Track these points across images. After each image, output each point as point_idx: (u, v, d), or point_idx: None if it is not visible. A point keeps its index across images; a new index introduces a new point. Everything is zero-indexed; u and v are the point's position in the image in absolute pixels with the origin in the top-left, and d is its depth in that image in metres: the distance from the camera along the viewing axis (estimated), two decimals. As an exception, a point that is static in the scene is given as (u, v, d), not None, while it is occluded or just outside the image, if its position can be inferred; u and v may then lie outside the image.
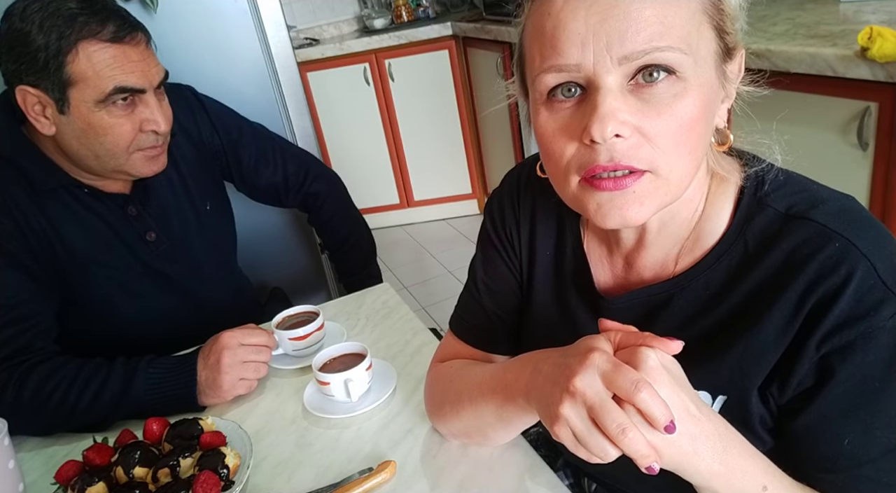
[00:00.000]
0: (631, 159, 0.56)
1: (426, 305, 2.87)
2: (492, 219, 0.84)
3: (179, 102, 1.28)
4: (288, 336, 1.10)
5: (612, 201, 0.58)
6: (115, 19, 1.01)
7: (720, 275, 0.64)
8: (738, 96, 0.64)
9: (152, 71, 1.06)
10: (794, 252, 0.60)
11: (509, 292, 0.83)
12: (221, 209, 1.36)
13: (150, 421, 0.92)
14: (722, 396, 0.65)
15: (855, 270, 0.56)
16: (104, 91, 1.01)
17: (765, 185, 0.64)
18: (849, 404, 0.59)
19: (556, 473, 0.81)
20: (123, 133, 1.05)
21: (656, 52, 0.54)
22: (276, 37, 1.61)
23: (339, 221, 1.52)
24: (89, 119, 1.03)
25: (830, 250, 0.58)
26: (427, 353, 1.09)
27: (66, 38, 0.98)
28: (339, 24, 3.71)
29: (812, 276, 0.58)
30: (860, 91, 1.40)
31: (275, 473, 0.89)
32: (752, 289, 0.62)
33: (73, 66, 0.99)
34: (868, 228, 0.59)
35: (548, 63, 0.57)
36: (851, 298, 0.56)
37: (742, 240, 0.64)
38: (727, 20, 0.59)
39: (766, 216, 0.63)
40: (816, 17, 1.75)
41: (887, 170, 1.40)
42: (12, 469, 0.84)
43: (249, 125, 1.41)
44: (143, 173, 1.12)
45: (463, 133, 3.45)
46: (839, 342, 0.57)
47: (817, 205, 0.61)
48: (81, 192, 1.13)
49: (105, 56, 1.00)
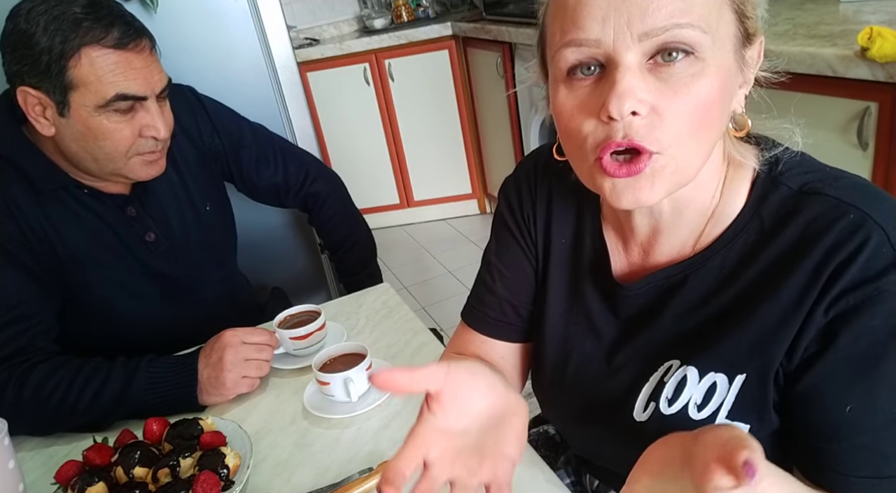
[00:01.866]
0: (643, 139, 0.56)
1: (426, 305, 2.87)
2: (508, 203, 0.83)
3: (180, 103, 1.28)
4: (289, 335, 1.10)
5: (626, 182, 0.59)
6: (119, 25, 1.01)
7: (736, 253, 0.65)
8: (756, 82, 0.64)
9: (155, 78, 1.06)
10: (810, 225, 0.60)
11: (523, 279, 0.83)
12: (221, 210, 1.36)
13: (150, 421, 0.92)
14: (741, 375, 0.65)
15: (869, 238, 0.57)
16: (105, 97, 1.01)
17: (779, 164, 0.65)
18: (852, 370, 0.59)
19: (557, 472, 0.81)
20: (122, 138, 1.05)
21: (676, 30, 0.54)
22: (276, 37, 1.61)
23: (340, 221, 1.52)
24: (88, 123, 1.02)
25: (845, 222, 0.58)
26: (427, 353, 1.09)
27: (70, 43, 0.98)
28: (339, 24, 3.71)
29: (828, 246, 0.58)
30: (860, 91, 1.40)
31: (275, 473, 0.89)
32: (768, 265, 0.62)
33: (76, 71, 0.99)
34: (882, 200, 0.60)
35: (568, 37, 0.57)
36: (862, 263, 0.57)
37: (758, 218, 0.64)
38: (748, 4, 0.59)
39: (780, 194, 0.63)
40: (816, 17, 1.75)
41: (887, 170, 1.40)
42: (12, 469, 0.84)
43: (250, 125, 1.41)
44: (141, 177, 1.12)
45: (463, 133, 3.45)
46: (845, 306, 0.57)
47: (831, 182, 0.62)
48: (81, 192, 1.13)
49: (108, 62, 1.00)
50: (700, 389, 0.67)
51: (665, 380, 0.69)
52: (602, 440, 0.78)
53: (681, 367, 0.68)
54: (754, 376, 0.64)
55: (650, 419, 0.70)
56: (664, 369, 0.69)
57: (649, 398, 0.70)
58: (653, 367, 0.70)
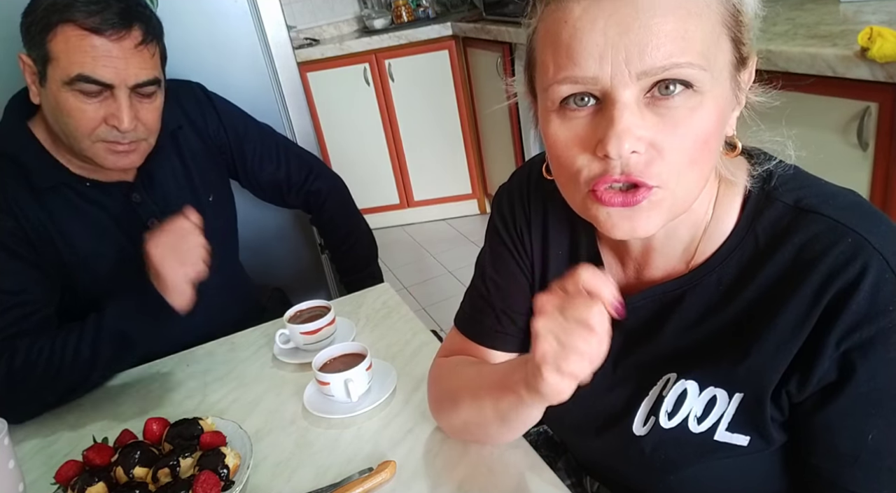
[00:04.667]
0: (642, 174, 0.55)
1: (426, 305, 2.87)
2: (502, 217, 0.83)
3: (189, 97, 1.31)
4: (300, 330, 1.11)
5: (622, 213, 0.58)
6: (110, 11, 1.02)
7: (732, 270, 0.65)
8: (747, 104, 0.63)
9: (131, 70, 1.05)
10: (806, 247, 0.60)
11: (518, 292, 0.82)
12: (223, 203, 1.38)
13: (150, 421, 0.92)
14: (739, 393, 0.65)
15: (869, 265, 0.57)
16: (69, 74, 1.02)
17: (773, 179, 0.64)
18: (872, 402, 0.59)
19: (557, 473, 0.81)
20: (85, 119, 1.05)
21: (675, 69, 0.53)
22: (276, 37, 1.61)
23: (341, 221, 1.52)
24: (57, 96, 1.05)
25: (843, 246, 0.58)
26: (427, 353, 1.09)
27: (53, 17, 1.01)
28: (339, 25, 3.71)
29: (826, 271, 0.58)
30: (860, 91, 1.39)
31: (275, 473, 0.89)
32: (766, 284, 0.62)
33: (52, 44, 1.02)
34: (879, 223, 0.60)
35: (563, 74, 0.56)
36: (868, 293, 0.56)
37: (752, 234, 0.64)
38: (744, 30, 0.58)
39: (775, 210, 0.63)
40: (816, 17, 1.75)
41: (887, 170, 1.40)
42: (12, 469, 0.84)
43: (255, 123, 1.43)
44: (108, 165, 1.11)
45: (463, 133, 3.45)
46: (859, 339, 0.57)
47: (827, 200, 0.61)
48: (84, 186, 1.14)
49: (80, 42, 1.01)
50: (700, 401, 0.67)
51: (664, 394, 0.69)
52: (602, 452, 0.78)
53: (679, 380, 0.68)
54: (751, 396, 0.64)
55: (649, 434, 0.70)
56: (663, 382, 0.69)
57: (649, 413, 0.70)
58: (652, 381, 0.70)
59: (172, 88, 1.25)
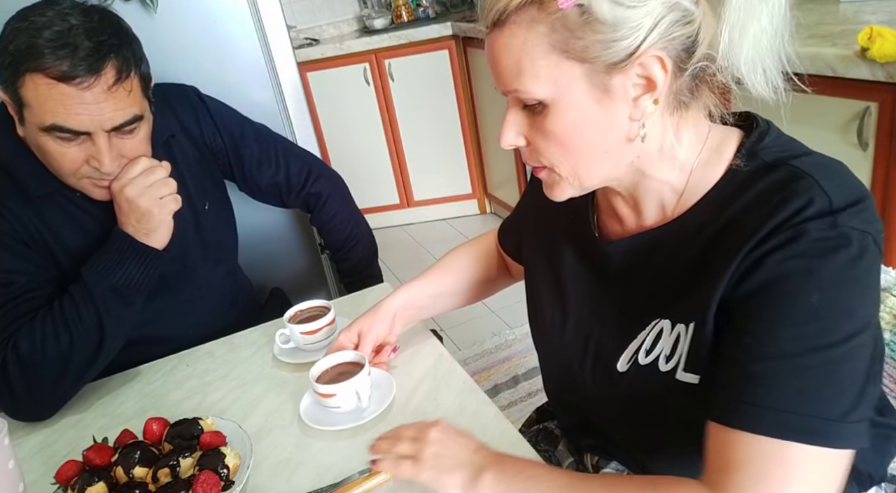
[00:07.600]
0: (530, 160, 0.73)
1: (426, 305, 2.86)
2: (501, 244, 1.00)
3: (182, 102, 1.28)
4: (300, 330, 1.10)
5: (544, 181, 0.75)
6: (77, 56, 0.96)
7: (706, 216, 0.70)
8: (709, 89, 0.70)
9: (106, 115, 1.00)
10: (767, 188, 0.65)
11: None
12: (220, 210, 1.36)
13: (150, 421, 0.92)
14: (692, 324, 0.69)
15: (813, 200, 0.61)
16: (43, 123, 1.00)
17: (763, 140, 0.69)
18: (757, 300, 0.62)
19: (557, 455, 0.84)
20: (67, 161, 1.04)
21: (515, 93, 0.68)
22: (276, 37, 1.61)
23: (342, 221, 1.52)
24: (37, 139, 1.03)
25: (796, 185, 0.63)
26: (427, 353, 1.09)
27: (20, 64, 0.97)
28: (339, 24, 3.71)
29: (775, 202, 0.63)
30: (860, 91, 1.40)
31: (275, 473, 0.89)
32: (726, 220, 0.67)
33: (23, 92, 0.99)
34: (838, 176, 0.64)
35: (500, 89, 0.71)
36: (795, 209, 0.61)
37: (729, 186, 0.69)
38: (590, 46, 0.63)
39: (754, 165, 0.68)
40: (816, 17, 1.75)
41: (887, 170, 1.41)
42: (12, 469, 0.84)
43: (252, 125, 1.41)
44: (96, 197, 1.10)
45: (463, 133, 3.45)
46: (769, 246, 0.61)
47: (801, 156, 0.67)
48: (75, 195, 1.13)
49: (50, 91, 0.97)
50: (669, 340, 0.71)
51: (647, 336, 0.74)
52: (584, 388, 0.83)
53: (661, 321, 0.72)
54: (700, 324, 0.68)
55: (628, 369, 0.76)
56: (652, 327, 0.74)
57: (634, 353, 0.75)
58: (641, 325, 0.74)
59: (166, 94, 1.23)
